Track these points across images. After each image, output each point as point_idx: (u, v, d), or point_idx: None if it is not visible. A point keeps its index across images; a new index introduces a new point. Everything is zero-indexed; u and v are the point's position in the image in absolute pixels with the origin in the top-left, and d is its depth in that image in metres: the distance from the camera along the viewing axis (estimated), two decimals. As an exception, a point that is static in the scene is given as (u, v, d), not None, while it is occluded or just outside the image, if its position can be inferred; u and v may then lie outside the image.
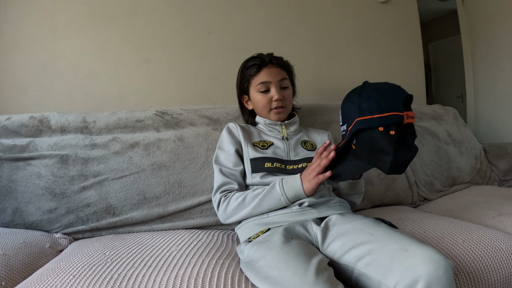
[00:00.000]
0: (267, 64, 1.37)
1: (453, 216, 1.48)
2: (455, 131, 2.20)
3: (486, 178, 2.18)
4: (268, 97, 1.35)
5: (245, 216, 1.18)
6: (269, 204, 1.15)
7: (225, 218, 1.24)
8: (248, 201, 1.17)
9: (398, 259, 0.79)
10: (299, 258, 0.83)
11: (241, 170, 1.29)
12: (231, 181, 1.26)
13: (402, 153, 0.96)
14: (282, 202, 1.14)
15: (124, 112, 1.59)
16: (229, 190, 1.25)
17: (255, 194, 1.18)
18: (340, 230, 1.00)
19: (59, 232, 1.36)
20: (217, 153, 1.37)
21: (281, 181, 1.15)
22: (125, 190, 1.41)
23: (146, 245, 1.13)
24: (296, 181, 1.14)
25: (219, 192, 1.26)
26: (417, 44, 2.59)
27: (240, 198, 1.19)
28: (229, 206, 1.21)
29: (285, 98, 1.37)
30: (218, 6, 2.12)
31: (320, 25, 2.32)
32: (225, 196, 1.23)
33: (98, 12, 1.94)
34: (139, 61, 1.98)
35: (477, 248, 1.07)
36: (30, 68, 1.85)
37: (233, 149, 1.32)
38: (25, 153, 1.41)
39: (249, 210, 1.16)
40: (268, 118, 1.40)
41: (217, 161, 1.33)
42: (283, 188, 1.14)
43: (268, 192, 1.16)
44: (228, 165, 1.30)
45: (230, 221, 1.23)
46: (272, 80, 1.35)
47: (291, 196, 1.13)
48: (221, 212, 1.24)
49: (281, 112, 1.37)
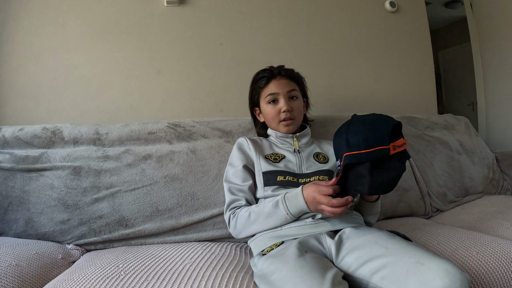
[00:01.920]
0: (276, 76, 1.38)
1: (467, 227, 1.47)
2: (467, 140, 2.18)
3: (499, 187, 2.15)
4: (276, 108, 1.35)
5: (256, 231, 1.18)
6: (276, 223, 1.14)
7: (236, 234, 1.25)
8: (253, 218, 1.17)
9: (414, 273, 0.78)
10: (314, 272, 0.83)
11: (250, 185, 1.29)
12: (239, 198, 1.27)
13: (379, 175, 0.99)
14: (289, 219, 1.14)
15: (136, 124, 1.59)
16: (237, 206, 1.26)
17: (258, 211, 1.17)
18: (354, 243, 1.00)
19: (71, 243, 1.37)
20: (227, 169, 1.37)
21: (284, 201, 1.14)
22: (138, 202, 1.41)
23: (159, 258, 1.13)
24: (299, 201, 1.12)
25: (228, 210, 1.27)
26: (427, 53, 2.58)
27: (245, 214, 1.19)
28: (237, 222, 1.22)
29: (293, 109, 1.36)
30: (229, 18, 2.13)
31: (331, 36, 2.33)
32: (233, 214, 1.25)
33: (110, 24, 1.96)
34: (151, 73, 1.99)
35: (492, 259, 1.06)
36: (42, 79, 1.87)
37: (241, 165, 1.32)
38: (38, 164, 1.42)
39: (257, 226, 1.17)
40: (277, 130, 1.39)
41: (227, 179, 1.34)
42: (287, 208, 1.13)
43: (272, 211, 1.15)
44: (236, 182, 1.30)
45: (242, 236, 1.24)
46: (280, 91, 1.35)
47: (295, 212, 1.12)
48: (232, 229, 1.26)
49: (290, 124, 1.36)
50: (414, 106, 2.47)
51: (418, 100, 2.50)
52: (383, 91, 2.40)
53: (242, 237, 1.24)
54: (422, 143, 1.95)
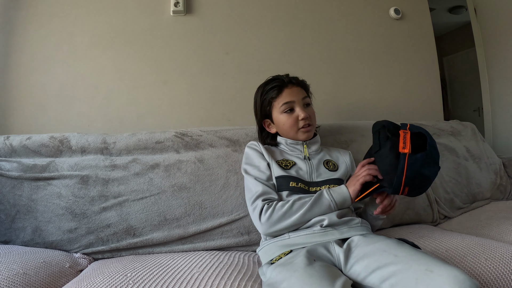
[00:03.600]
0: (287, 84, 1.36)
1: (475, 233, 1.46)
2: (474, 146, 2.17)
3: (507, 193, 2.14)
4: (293, 117, 1.34)
5: (290, 225, 1.15)
6: (320, 211, 1.16)
7: (268, 226, 1.16)
8: (297, 207, 1.16)
9: (423, 280, 0.78)
10: (323, 281, 0.82)
11: (273, 184, 1.27)
12: (271, 191, 1.24)
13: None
14: (332, 207, 1.16)
15: (144, 133, 1.60)
16: (271, 199, 1.22)
17: (303, 202, 1.17)
18: (363, 251, 0.99)
19: (78, 252, 1.37)
20: (246, 168, 1.34)
21: (328, 190, 1.20)
22: (146, 211, 1.42)
23: (167, 267, 1.13)
24: (342, 189, 1.19)
25: (261, 200, 1.21)
26: (432, 59, 2.58)
27: (287, 205, 1.16)
28: (274, 213, 1.16)
29: (310, 116, 1.36)
30: (235, 27, 2.15)
31: (336, 44, 2.34)
32: (269, 204, 1.19)
33: (117, 34, 1.98)
34: (157, 82, 2.01)
35: (501, 266, 1.06)
36: (49, 88, 1.89)
37: (265, 163, 1.31)
38: (46, 173, 1.43)
39: (297, 217, 1.14)
40: (296, 138, 1.37)
41: (249, 173, 1.31)
42: (332, 195, 1.17)
43: (316, 199, 1.17)
44: (262, 178, 1.27)
45: (273, 230, 1.16)
46: (296, 99, 1.34)
47: (339, 201, 1.16)
48: (265, 220, 1.16)
49: (309, 131, 1.36)
50: (420, 112, 2.46)
51: (424, 106, 2.49)
52: (388, 98, 2.40)
53: (272, 231, 1.16)
54: (429, 150, 1.94)
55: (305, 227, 1.15)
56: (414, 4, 2.58)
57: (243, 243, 1.46)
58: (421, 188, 1.09)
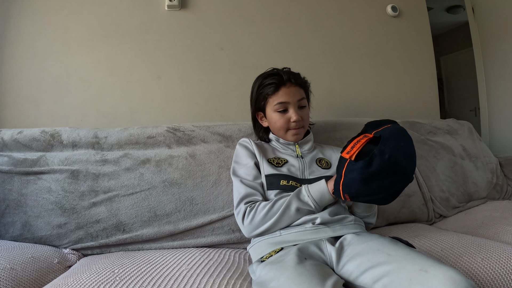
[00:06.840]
0: (286, 83, 1.32)
1: (470, 233, 1.46)
2: (470, 145, 2.16)
3: (503, 192, 2.13)
4: (286, 117, 1.31)
5: (272, 224, 1.13)
6: (298, 204, 1.14)
7: (250, 230, 1.17)
8: (278, 206, 1.14)
9: (418, 281, 0.76)
10: (314, 280, 0.81)
11: (261, 183, 1.26)
12: (255, 192, 1.22)
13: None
14: (310, 204, 1.13)
15: (135, 128, 1.58)
16: (254, 201, 1.20)
17: (284, 199, 1.15)
18: (355, 250, 0.98)
19: (68, 247, 1.35)
20: (234, 166, 1.34)
21: (306, 185, 1.17)
22: (136, 207, 1.40)
23: (155, 264, 1.11)
24: (320, 183, 1.16)
25: (243, 203, 1.20)
26: (429, 58, 2.57)
27: (268, 205, 1.15)
28: (255, 216, 1.15)
29: (303, 118, 1.33)
30: (230, 22, 2.14)
31: (333, 40, 2.32)
32: (251, 207, 1.18)
33: (111, 28, 1.97)
34: (151, 77, 2.00)
35: (497, 266, 1.05)
36: (42, 82, 1.88)
37: (252, 162, 1.30)
38: (36, 167, 1.41)
39: (278, 216, 1.13)
40: (284, 138, 1.36)
41: (236, 173, 1.30)
42: (308, 190, 1.15)
43: (294, 194, 1.15)
44: (248, 178, 1.26)
45: (255, 233, 1.16)
46: (291, 100, 1.31)
47: (316, 195, 1.13)
48: (247, 224, 1.16)
49: (299, 133, 1.34)
50: (417, 111, 2.45)
51: (421, 105, 2.48)
52: (385, 96, 2.39)
53: (255, 234, 1.16)
54: (424, 148, 1.93)
55: (296, 224, 1.14)
56: (411, 2, 2.56)
57: (234, 240, 1.44)
58: (375, 197, 1.04)
